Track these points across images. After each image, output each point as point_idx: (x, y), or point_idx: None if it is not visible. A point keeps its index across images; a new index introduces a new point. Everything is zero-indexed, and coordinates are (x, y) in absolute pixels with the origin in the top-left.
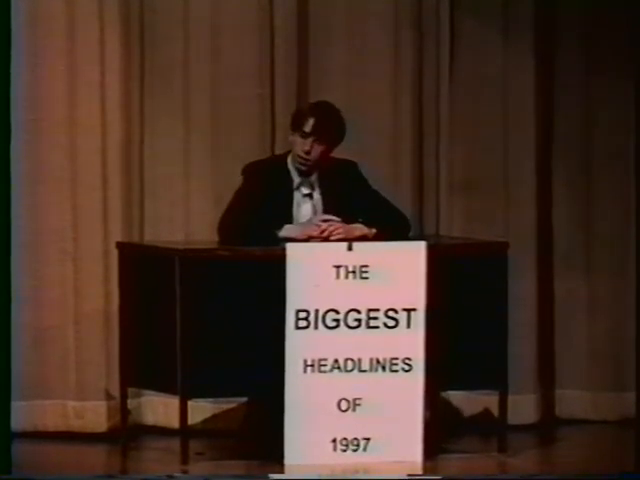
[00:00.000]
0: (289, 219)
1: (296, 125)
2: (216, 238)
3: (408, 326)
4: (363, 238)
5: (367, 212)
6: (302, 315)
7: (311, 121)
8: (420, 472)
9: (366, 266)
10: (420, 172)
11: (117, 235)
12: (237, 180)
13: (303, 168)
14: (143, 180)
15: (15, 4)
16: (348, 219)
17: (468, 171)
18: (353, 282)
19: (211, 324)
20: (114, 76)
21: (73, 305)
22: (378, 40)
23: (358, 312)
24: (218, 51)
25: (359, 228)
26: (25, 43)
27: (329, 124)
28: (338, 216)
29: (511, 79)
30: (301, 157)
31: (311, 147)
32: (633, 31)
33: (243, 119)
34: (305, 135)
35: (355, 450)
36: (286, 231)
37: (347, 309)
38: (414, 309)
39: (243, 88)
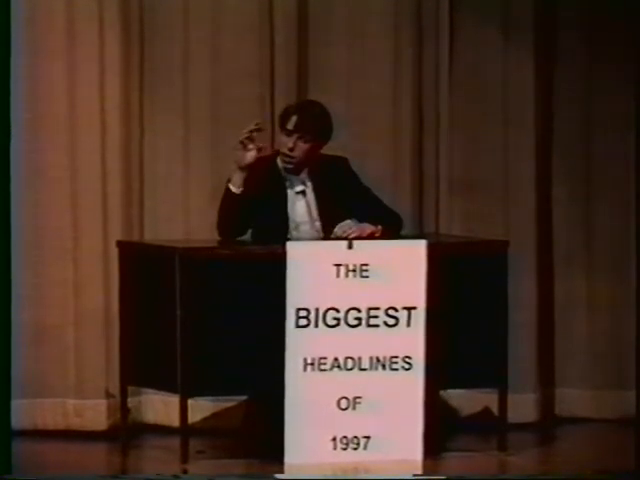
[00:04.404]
0: (284, 218)
1: (281, 123)
2: (216, 237)
3: (408, 325)
4: (371, 235)
5: (359, 209)
6: (302, 314)
7: (294, 119)
8: (420, 471)
9: (366, 264)
10: (420, 172)
11: (117, 234)
12: None
13: (288, 167)
14: (143, 179)
15: (15, 4)
16: (341, 216)
17: (468, 171)
18: (353, 281)
19: (211, 322)
20: (114, 75)
21: (73, 304)
22: (378, 40)
23: (358, 311)
24: (218, 51)
25: (368, 226)
26: (25, 42)
27: (312, 122)
28: (331, 213)
29: (511, 79)
30: (285, 155)
31: (294, 145)
32: (633, 31)
33: (243, 119)
34: (289, 133)
35: (355, 449)
36: None
37: (347, 308)
38: (414, 308)
39: (243, 88)
